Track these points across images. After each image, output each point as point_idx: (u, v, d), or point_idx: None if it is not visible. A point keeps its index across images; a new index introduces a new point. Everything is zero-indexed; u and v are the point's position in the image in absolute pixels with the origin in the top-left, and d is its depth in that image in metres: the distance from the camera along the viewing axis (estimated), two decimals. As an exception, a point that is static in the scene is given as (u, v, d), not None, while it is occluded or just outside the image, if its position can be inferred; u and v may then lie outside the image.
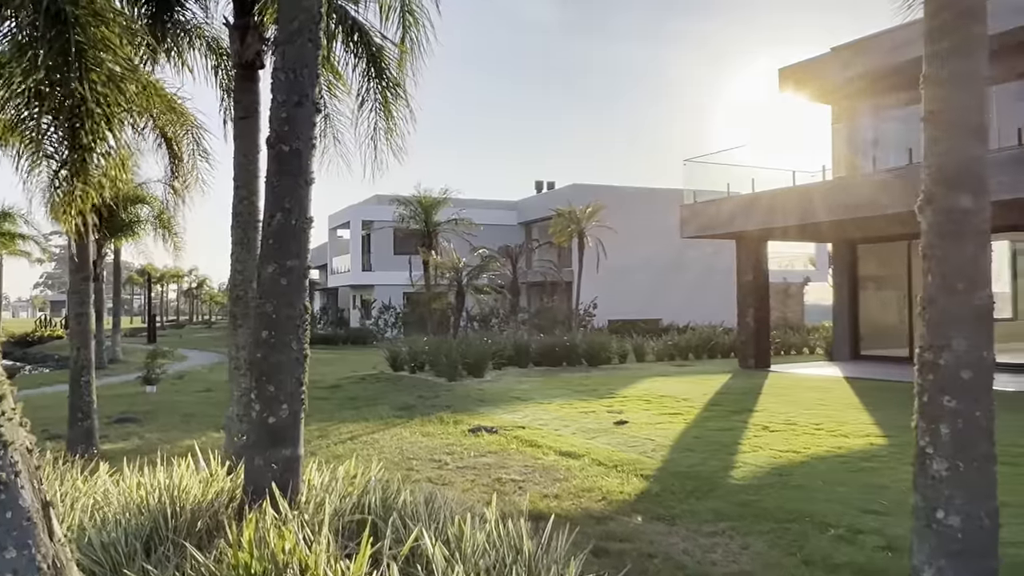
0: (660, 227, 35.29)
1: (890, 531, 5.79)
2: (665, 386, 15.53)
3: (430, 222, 23.87)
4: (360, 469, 5.12)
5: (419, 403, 13.37)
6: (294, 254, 4.59)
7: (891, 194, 15.63)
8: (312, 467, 5.23)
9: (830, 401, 13.00)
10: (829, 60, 20.89)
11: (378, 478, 4.95)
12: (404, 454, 9.16)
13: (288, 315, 4.56)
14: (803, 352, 25.66)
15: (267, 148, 4.64)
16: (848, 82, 20.44)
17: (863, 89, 20.61)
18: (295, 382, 4.60)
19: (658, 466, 8.29)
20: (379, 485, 4.68)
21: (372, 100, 7.60)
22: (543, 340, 20.90)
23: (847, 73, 20.28)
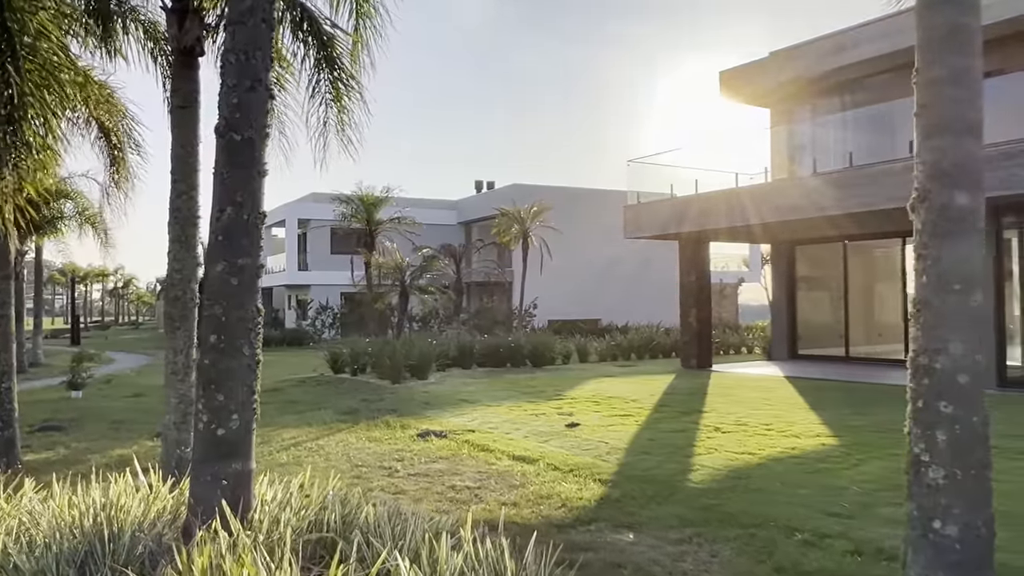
0: (599, 228, 35.49)
1: (855, 535, 5.74)
2: (612, 387, 15.47)
3: (372, 221, 23.37)
4: (316, 481, 4.79)
5: (363, 407, 12.97)
6: (246, 251, 4.24)
7: (828, 197, 15.91)
8: (263, 480, 4.88)
9: (775, 401, 13.11)
10: (767, 64, 21.20)
11: (336, 491, 4.62)
12: (352, 461, 8.79)
13: (239, 317, 4.21)
14: (741, 352, 26.02)
15: (216, 137, 4.28)
16: (785, 86, 20.78)
17: (799, 93, 20.98)
18: (247, 390, 4.26)
19: (615, 470, 8.13)
20: (338, 500, 4.36)
21: (323, 92, 7.23)
22: (487, 341, 20.67)
23: (784, 77, 20.62)
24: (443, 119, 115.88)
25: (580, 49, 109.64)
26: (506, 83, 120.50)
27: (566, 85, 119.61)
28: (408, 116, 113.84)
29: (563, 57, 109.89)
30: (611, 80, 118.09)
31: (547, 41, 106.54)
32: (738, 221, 17.82)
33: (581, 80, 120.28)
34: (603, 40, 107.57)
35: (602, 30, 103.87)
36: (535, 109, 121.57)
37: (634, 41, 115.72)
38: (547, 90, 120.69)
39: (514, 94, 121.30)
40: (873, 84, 19.37)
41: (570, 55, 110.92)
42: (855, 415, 11.31)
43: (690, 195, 19.08)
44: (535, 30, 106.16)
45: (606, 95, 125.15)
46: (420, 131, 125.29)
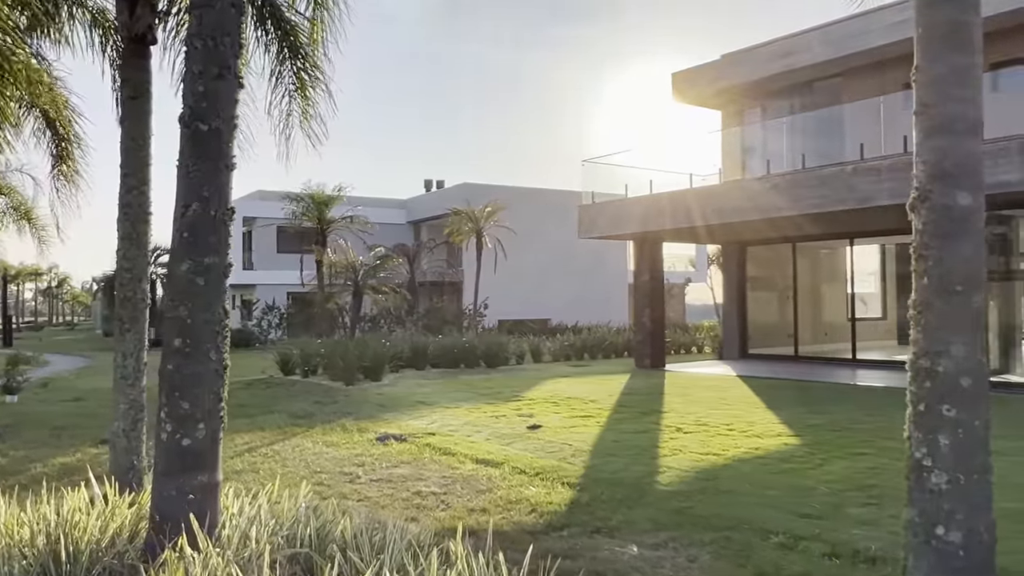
0: (548, 227, 35.52)
1: (830, 536, 5.71)
2: (569, 387, 15.39)
3: (324, 219, 22.87)
4: (286, 492, 4.55)
5: (317, 410, 12.63)
6: (213, 249, 3.99)
7: (778, 199, 16.11)
8: (227, 491, 4.61)
9: (732, 400, 13.19)
10: (718, 67, 21.43)
11: (308, 502, 4.39)
12: (310, 467, 8.50)
13: (206, 320, 3.96)
14: (692, 351, 26.25)
15: (180, 126, 4.01)
16: (735, 88, 21.04)
17: (750, 96, 21.27)
18: (213, 397, 4.01)
19: (581, 473, 8.02)
20: (312, 512, 4.13)
21: (286, 83, 6.94)
22: (441, 341, 20.43)
23: (735, 80, 20.87)
24: (389, 117, 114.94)
25: (528, 52, 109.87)
26: (451, 83, 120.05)
27: (515, 87, 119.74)
28: (353, 114, 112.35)
29: (510, 59, 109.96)
30: (561, 82, 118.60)
31: (493, 42, 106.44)
32: (691, 222, 17.94)
33: (529, 82, 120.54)
34: (551, 42, 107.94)
35: (549, 32, 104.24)
36: (484, 110, 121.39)
37: (584, 43, 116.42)
38: (495, 91, 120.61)
39: (462, 94, 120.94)
40: (823, 88, 19.74)
41: (517, 57, 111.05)
42: (812, 414, 11.42)
43: (645, 195, 19.16)
44: (480, 30, 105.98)
45: (556, 97, 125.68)
46: (366, 129, 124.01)
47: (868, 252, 24.24)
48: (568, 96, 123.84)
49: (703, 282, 52.12)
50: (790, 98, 20.68)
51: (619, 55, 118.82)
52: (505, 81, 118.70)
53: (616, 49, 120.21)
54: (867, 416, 11.17)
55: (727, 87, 21.11)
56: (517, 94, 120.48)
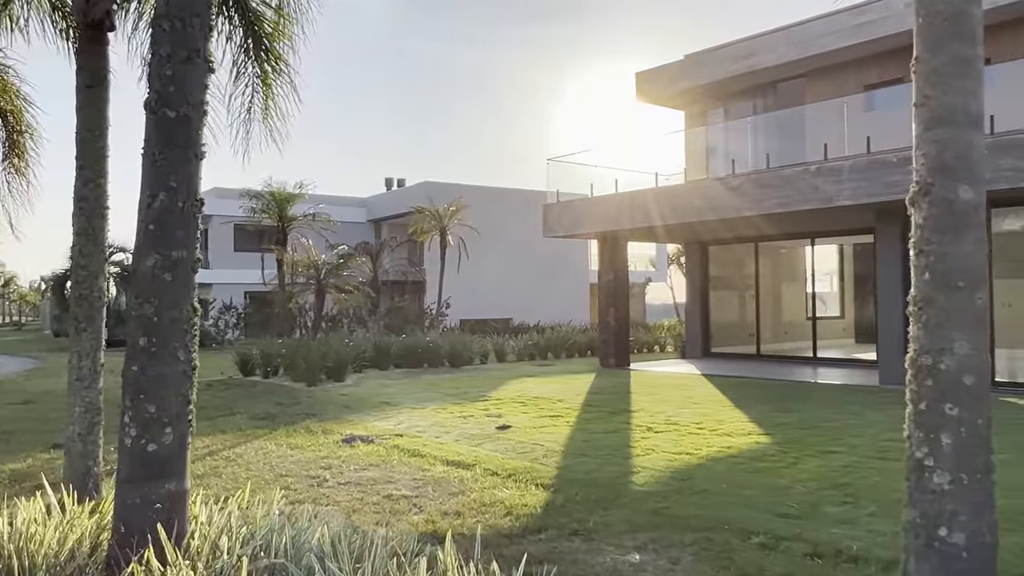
0: (510, 227, 35.42)
1: (810, 536, 5.66)
2: (535, 387, 15.28)
3: (285, 217, 22.41)
4: (257, 498, 4.33)
5: (280, 411, 12.32)
6: (181, 243, 3.76)
7: (743, 198, 16.20)
8: (196, 498, 4.37)
9: (699, 399, 13.19)
10: (680, 67, 21.51)
11: (281, 508, 4.18)
12: (275, 470, 8.24)
13: (173, 318, 3.73)
14: (654, 350, 26.34)
15: (146, 112, 3.78)
16: (698, 89, 21.14)
17: (713, 96, 21.39)
18: (181, 400, 3.78)
19: (554, 474, 7.89)
20: (286, 519, 3.93)
21: (250, 75, 6.68)
22: (404, 341, 20.16)
23: (697, 80, 20.97)
24: (348, 115, 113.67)
25: (491, 51, 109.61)
26: (413, 81, 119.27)
27: (478, 86, 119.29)
28: (311, 109, 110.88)
29: (473, 57, 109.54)
30: (524, 81, 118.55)
31: (455, 40, 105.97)
32: (655, 221, 17.97)
33: (492, 81, 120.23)
34: (514, 41, 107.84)
35: (511, 31, 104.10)
36: (446, 108, 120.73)
37: (547, 43, 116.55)
38: (458, 90, 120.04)
39: (425, 93, 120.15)
40: (785, 89, 19.92)
41: (480, 56, 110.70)
42: (779, 412, 11.46)
43: (610, 194, 19.14)
44: (443, 28, 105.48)
45: (519, 96, 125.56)
46: (324, 126, 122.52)
47: (826, 252, 24.60)
48: (531, 96, 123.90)
49: (663, 281, 52.62)
50: (753, 99, 20.85)
51: (583, 55, 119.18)
52: (468, 80, 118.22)
53: (580, 49, 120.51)
54: (834, 414, 11.24)
55: (689, 87, 21.21)
56: (480, 93, 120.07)
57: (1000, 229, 14.78)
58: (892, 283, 15.18)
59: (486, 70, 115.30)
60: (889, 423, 10.43)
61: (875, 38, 17.32)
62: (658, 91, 21.88)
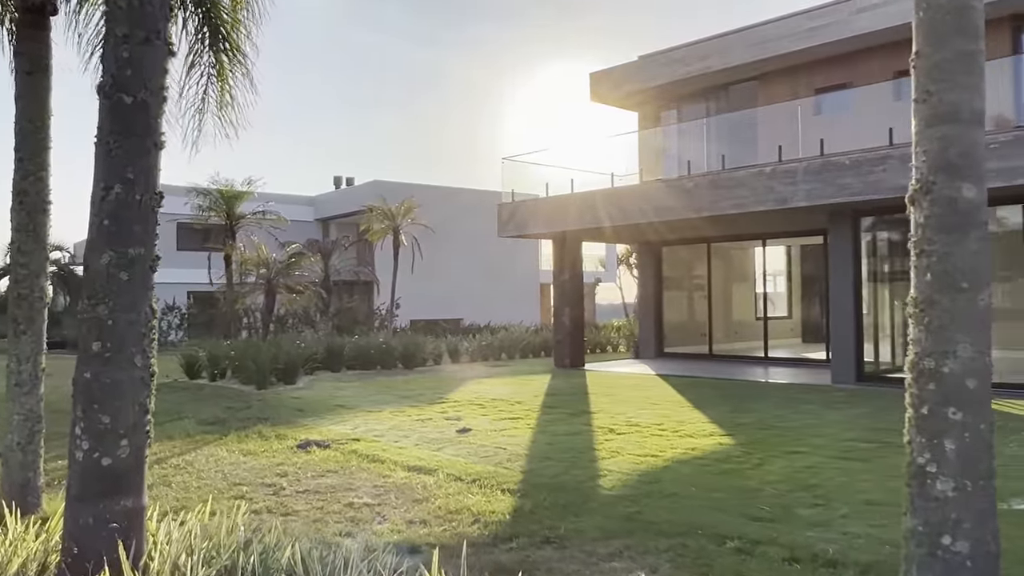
0: (460, 227, 35.15)
1: (786, 540, 5.59)
2: (492, 388, 15.09)
3: (233, 215, 21.77)
4: (218, 512, 4.05)
5: (230, 416, 11.89)
6: (138, 240, 3.49)
7: (699, 198, 16.27)
8: (151, 513, 4.07)
9: (657, 399, 13.16)
10: (634, 68, 21.57)
11: (246, 524, 3.91)
12: (228, 478, 7.89)
13: (130, 320, 3.45)
14: (607, 350, 26.38)
15: (100, 97, 3.48)
16: (652, 90, 21.21)
17: (666, 97, 21.49)
18: (138, 409, 3.50)
19: (520, 478, 7.71)
20: (253, 535, 3.67)
21: (204, 64, 6.34)
22: (357, 342, 19.77)
23: (651, 81, 21.04)
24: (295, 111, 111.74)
25: (442, 50, 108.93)
26: (361, 80, 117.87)
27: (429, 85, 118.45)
28: (256, 106, 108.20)
29: (423, 57, 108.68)
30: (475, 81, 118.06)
31: (404, 38, 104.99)
32: (611, 221, 17.96)
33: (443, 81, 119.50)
34: (466, 41, 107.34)
35: (463, 31, 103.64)
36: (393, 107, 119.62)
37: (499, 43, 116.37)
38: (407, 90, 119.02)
39: (373, 91, 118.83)
40: (738, 91, 20.10)
41: (431, 55, 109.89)
42: (738, 412, 11.48)
43: (566, 194, 19.06)
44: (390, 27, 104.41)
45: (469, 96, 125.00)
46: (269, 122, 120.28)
47: (775, 253, 24.97)
48: (483, 96, 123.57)
49: (612, 282, 52.98)
50: (706, 100, 21.00)
51: (537, 55, 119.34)
52: (419, 80, 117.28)
53: (534, 50, 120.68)
54: (791, 414, 11.30)
55: (642, 88, 21.27)
56: (431, 93, 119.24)
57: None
58: (843, 284, 15.39)
59: (438, 70, 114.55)
60: (847, 422, 10.53)
61: (825, 42, 17.58)
62: (611, 92, 21.90)
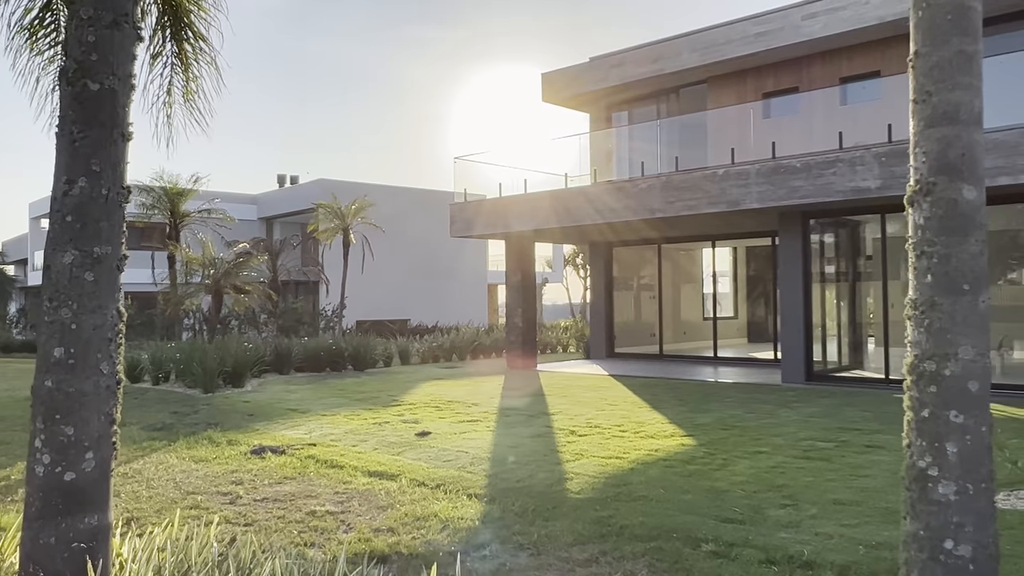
0: (407, 227, 34.81)
1: (760, 541, 5.58)
2: (447, 390, 14.91)
3: (177, 213, 21.05)
4: (186, 528, 3.82)
5: (177, 421, 11.47)
6: (105, 238, 3.24)
7: (653, 199, 16.36)
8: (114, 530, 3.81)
9: (614, 400, 13.16)
10: (585, 69, 21.61)
11: (219, 541, 3.69)
12: (181, 487, 7.57)
13: (96, 324, 3.21)
14: (557, 351, 26.39)
15: (62, 84, 3.23)
16: (604, 92, 21.28)
17: (618, 99, 21.59)
18: (104, 420, 3.27)
19: (485, 483, 7.58)
20: (229, 551, 3.46)
21: (167, 54, 6.03)
22: (306, 344, 19.34)
23: (602, 83, 21.10)
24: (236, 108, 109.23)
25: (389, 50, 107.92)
26: (306, 79, 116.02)
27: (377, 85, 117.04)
28: (222, 96, 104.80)
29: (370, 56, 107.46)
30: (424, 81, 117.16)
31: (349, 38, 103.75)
32: (564, 222, 17.95)
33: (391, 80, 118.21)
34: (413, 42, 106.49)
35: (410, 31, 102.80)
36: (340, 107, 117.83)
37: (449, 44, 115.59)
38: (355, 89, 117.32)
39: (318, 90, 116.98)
40: (688, 93, 20.30)
41: (380, 54, 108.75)
42: (696, 412, 11.54)
43: (519, 195, 18.97)
44: (334, 26, 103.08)
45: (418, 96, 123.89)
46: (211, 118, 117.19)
47: (723, 254, 25.34)
48: (431, 95, 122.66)
49: (559, 282, 53.25)
50: (657, 103, 21.16)
51: (486, 56, 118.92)
52: (365, 79, 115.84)
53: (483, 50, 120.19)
54: (747, 413, 11.40)
55: (594, 90, 21.32)
56: (380, 92, 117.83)
57: (894, 232, 15.45)
58: (793, 285, 15.65)
59: (380, 69, 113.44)
60: (802, 422, 10.67)
61: (773, 47, 17.85)
62: (563, 93, 21.90)
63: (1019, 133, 11.74)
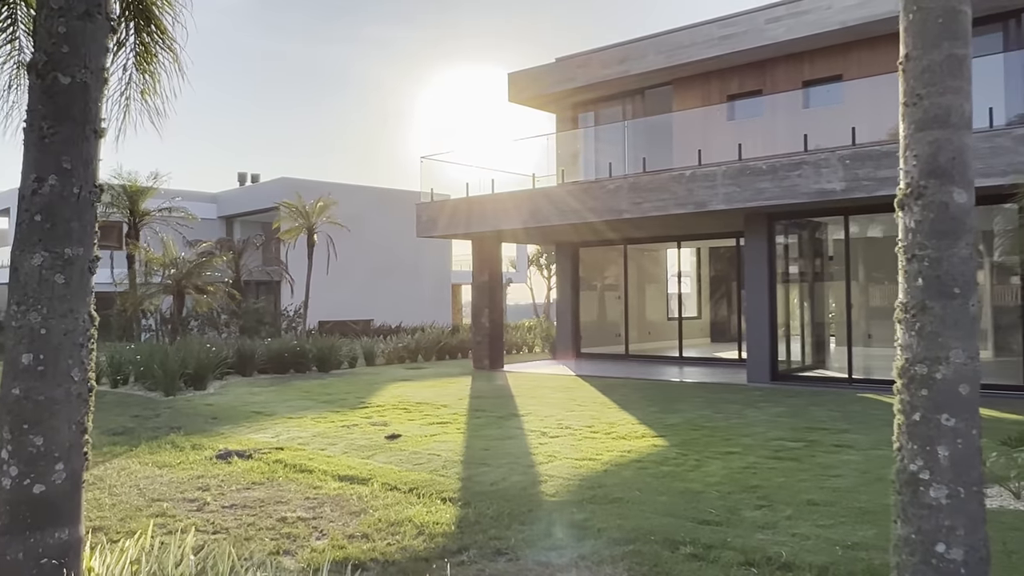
0: (370, 226, 34.49)
1: (738, 543, 5.57)
2: (414, 392, 14.77)
3: (137, 211, 20.54)
4: (158, 539, 3.68)
5: (138, 425, 11.18)
6: (76, 238, 3.10)
7: (621, 200, 16.40)
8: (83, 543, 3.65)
9: (583, 401, 13.16)
10: (552, 70, 21.62)
11: (196, 552, 3.56)
12: (145, 494, 7.35)
13: (67, 329, 3.07)
14: (522, 351, 26.35)
15: (31, 76, 3.08)
16: (570, 93, 21.30)
17: (584, 100, 21.63)
18: (75, 429, 3.12)
19: (459, 486, 7.49)
20: (206, 562, 3.33)
21: (130, 47, 5.83)
22: (270, 345, 19.02)
23: (568, 84, 21.13)
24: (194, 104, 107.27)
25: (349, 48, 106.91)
26: (268, 78, 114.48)
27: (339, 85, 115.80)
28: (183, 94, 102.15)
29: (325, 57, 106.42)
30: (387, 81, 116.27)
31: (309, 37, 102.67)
32: (531, 222, 17.91)
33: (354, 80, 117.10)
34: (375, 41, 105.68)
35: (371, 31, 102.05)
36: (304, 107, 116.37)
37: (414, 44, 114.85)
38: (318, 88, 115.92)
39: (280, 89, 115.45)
40: (654, 95, 20.40)
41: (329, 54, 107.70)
42: (665, 413, 11.57)
43: (486, 195, 18.89)
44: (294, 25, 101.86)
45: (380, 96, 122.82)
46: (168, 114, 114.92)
47: (687, 255, 25.56)
48: (397, 95, 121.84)
49: (523, 282, 53.32)
50: (623, 104, 21.23)
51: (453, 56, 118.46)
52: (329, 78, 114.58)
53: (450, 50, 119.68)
54: (715, 413, 11.47)
55: (560, 91, 21.33)
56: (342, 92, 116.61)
57: (856, 234, 15.69)
58: (759, 286, 15.80)
59: (343, 70, 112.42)
60: (770, 421, 10.75)
61: (737, 50, 18.01)
62: (529, 93, 21.88)
63: (983, 137, 11.97)
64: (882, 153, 12.92)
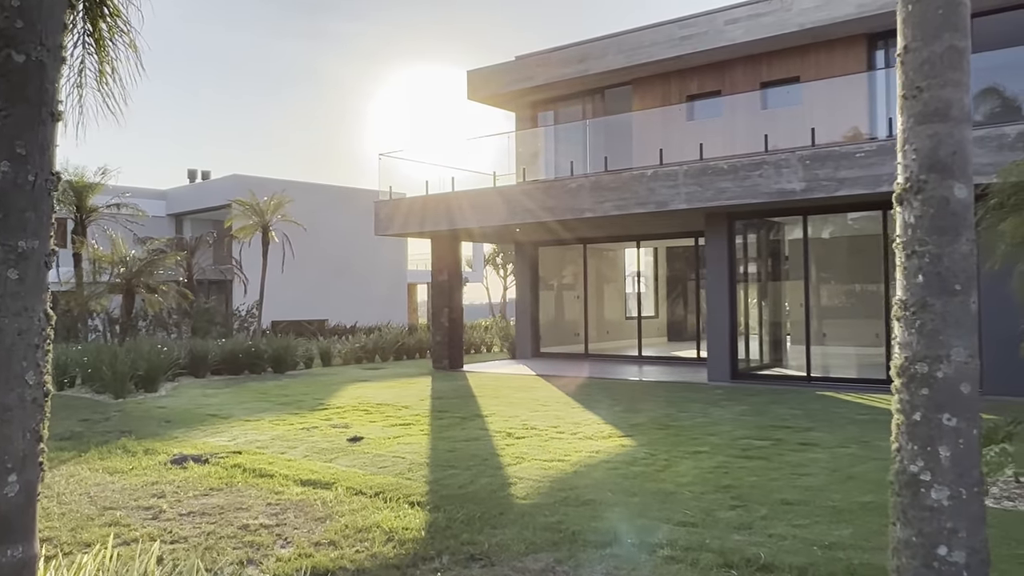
0: (324, 224, 33.94)
1: (715, 545, 5.50)
2: (374, 392, 14.51)
3: (84, 208, 19.81)
4: (115, 553, 3.44)
5: (87, 429, 10.75)
6: (31, 231, 2.86)
7: (582, 199, 16.35)
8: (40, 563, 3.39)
9: (546, 400, 13.05)
10: (511, 68, 21.50)
11: (160, 567, 3.32)
12: (96, 502, 7.01)
13: (21, 329, 2.82)
14: (481, 351, 26.19)
15: (-19, 54, 2.82)
16: (529, 91, 21.20)
17: (544, 98, 21.55)
18: (30, 437, 2.87)
19: (426, 490, 7.30)
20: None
21: (79, 32, 5.52)
22: (224, 346, 18.53)
23: (528, 82, 21.02)
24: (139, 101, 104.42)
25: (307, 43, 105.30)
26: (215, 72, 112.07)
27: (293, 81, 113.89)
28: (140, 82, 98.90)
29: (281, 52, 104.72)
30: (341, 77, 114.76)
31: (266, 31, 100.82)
32: (491, 221, 17.78)
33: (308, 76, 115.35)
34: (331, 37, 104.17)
35: (328, 26, 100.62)
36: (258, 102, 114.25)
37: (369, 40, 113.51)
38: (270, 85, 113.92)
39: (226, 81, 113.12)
40: (614, 95, 20.40)
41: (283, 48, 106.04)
42: (629, 412, 11.53)
43: (446, 193, 18.69)
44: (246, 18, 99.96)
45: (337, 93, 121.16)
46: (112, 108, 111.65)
47: (645, 254, 25.65)
48: (347, 92, 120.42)
49: (479, 282, 53.11)
50: (582, 103, 21.20)
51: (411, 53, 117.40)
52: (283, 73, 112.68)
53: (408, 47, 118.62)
54: (679, 412, 11.46)
55: (520, 89, 21.21)
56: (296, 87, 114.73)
57: (815, 234, 15.87)
58: (719, 285, 15.88)
59: (298, 66, 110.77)
60: (735, 420, 10.77)
61: (697, 51, 18.09)
62: (488, 91, 21.72)
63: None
64: (841, 154, 13.08)
